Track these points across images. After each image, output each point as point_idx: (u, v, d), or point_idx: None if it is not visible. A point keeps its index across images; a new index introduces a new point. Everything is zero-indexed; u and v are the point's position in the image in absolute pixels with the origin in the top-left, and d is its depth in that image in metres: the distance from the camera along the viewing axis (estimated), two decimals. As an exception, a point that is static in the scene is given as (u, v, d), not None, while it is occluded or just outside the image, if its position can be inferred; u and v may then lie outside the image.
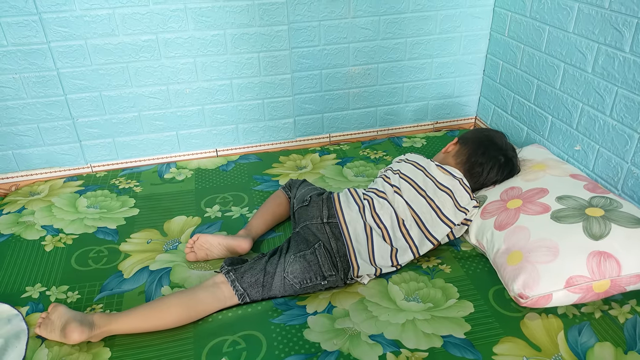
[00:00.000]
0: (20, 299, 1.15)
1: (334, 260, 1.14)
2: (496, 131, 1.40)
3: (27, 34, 1.42)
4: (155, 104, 1.63)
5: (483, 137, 1.36)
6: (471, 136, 1.38)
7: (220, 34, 1.56)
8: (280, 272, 1.12)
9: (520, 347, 1.00)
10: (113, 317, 1.03)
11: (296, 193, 1.36)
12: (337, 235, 1.17)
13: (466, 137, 1.39)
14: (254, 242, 1.29)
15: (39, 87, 1.50)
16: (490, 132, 1.39)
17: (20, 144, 1.58)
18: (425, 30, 1.72)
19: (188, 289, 1.12)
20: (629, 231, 1.06)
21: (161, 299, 1.08)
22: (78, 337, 0.99)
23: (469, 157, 1.32)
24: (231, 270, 1.12)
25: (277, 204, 1.38)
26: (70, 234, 1.37)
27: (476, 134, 1.40)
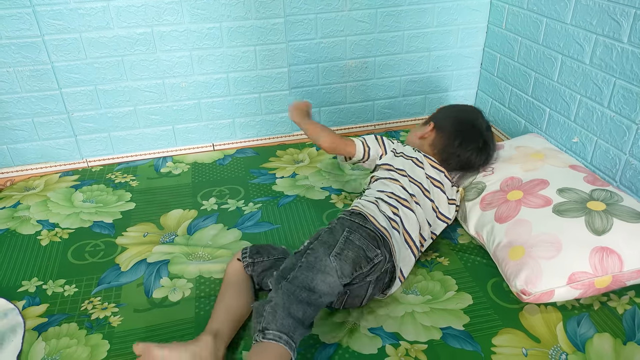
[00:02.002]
0: (16, 293, 1.14)
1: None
2: (472, 111, 1.34)
3: (20, 27, 1.40)
4: (151, 98, 1.62)
5: (460, 122, 1.29)
6: (448, 123, 1.29)
7: (216, 26, 1.55)
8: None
9: (519, 338, 1.00)
10: (217, 335, 0.93)
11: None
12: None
13: (442, 124, 1.30)
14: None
15: (34, 81, 1.49)
16: (468, 115, 1.31)
17: (14, 139, 1.56)
18: (422, 23, 1.71)
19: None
20: (631, 226, 1.06)
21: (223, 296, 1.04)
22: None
23: (446, 148, 1.27)
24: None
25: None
26: (66, 228, 1.36)
27: (453, 119, 1.30)
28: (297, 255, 1.01)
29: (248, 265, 1.10)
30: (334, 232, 1.02)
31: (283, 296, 0.89)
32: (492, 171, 1.31)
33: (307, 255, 0.96)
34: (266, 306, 0.88)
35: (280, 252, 1.13)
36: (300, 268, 0.94)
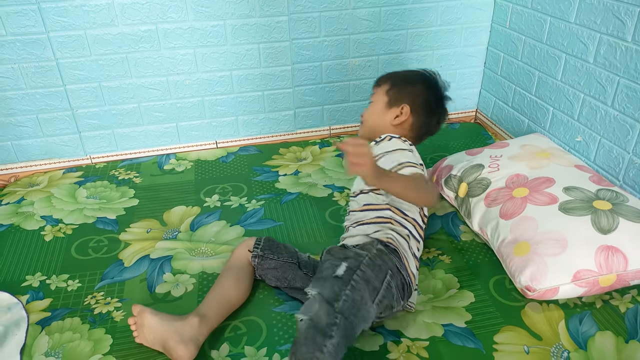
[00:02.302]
0: (20, 288, 1.15)
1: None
2: (430, 78, 1.26)
3: (26, 23, 1.41)
4: (155, 95, 1.62)
5: (436, 98, 1.23)
6: (423, 101, 1.21)
7: (220, 24, 1.55)
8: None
9: (521, 336, 1.00)
10: (203, 319, 0.98)
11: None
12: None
13: (417, 103, 1.21)
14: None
15: (38, 78, 1.50)
16: (435, 88, 1.24)
17: (19, 135, 1.57)
18: (426, 21, 1.71)
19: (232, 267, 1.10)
20: (637, 226, 1.06)
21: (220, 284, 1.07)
22: (184, 354, 0.92)
23: (424, 126, 1.25)
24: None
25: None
26: (70, 224, 1.37)
27: (425, 97, 1.22)
28: (337, 279, 0.93)
29: (256, 257, 1.11)
30: (377, 270, 0.96)
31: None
32: (498, 167, 1.31)
33: (353, 289, 0.91)
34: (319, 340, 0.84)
35: (290, 254, 1.12)
36: (346, 302, 0.89)
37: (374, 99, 1.25)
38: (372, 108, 1.25)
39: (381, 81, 1.27)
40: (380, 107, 1.22)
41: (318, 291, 0.91)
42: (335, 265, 0.96)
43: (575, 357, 0.95)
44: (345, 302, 0.89)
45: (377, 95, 1.25)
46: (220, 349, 0.99)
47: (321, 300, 0.89)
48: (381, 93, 1.24)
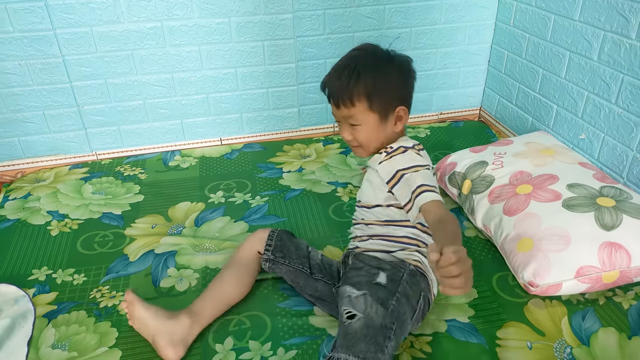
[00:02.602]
0: (27, 281, 1.16)
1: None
2: (392, 54, 1.01)
3: (32, 20, 1.42)
4: (160, 92, 1.63)
5: (410, 75, 1.01)
6: (406, 90, 1.01)
7: (225, 22, 1.56)
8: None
9: (524, 331, 1.01)
10: (196, 318, 0.99)
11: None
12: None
13: (404, 94, 1.01)
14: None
15: (45, 74, 1.51)
16: (406, 65, 1.01)
17: (25, 131, 1.59)
18: (430, 19, 1.71)
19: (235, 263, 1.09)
20: (641, 223, 1.06)
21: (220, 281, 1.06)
22: (172, 355, 0.94)
23: (411, 100, 1.05)
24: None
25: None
26: (76, 219, 1.38)
27: (405, 82, 1.01)
28: (380, 287, 0.92)
29: (267, 260, 1.08)
30: (414, 289, 0.95)
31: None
32: (502, 164, 1.31)
33: (398, 301, 0.91)
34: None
35: (302, 259, 1.08)
36: (394, 311, 0.89)
37: (356, 120, 0.97)
38: (363, 130, 0.98)
39: (351, 98, 0.95)
40: (373, 125, 0.97)
41: (365, 292, 0.90)
42: (372, 274, 0.95)
43: (578, 353, 0.96)
44: (393, 311, 0.89)
45: (359, 116, 0.96)
46: (225, 343, 1.00)
47: (372, 302, 0.88)
48: (363, 112, 0.96)
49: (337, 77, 0.97)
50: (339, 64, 0.99)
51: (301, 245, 1.12)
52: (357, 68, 0.95)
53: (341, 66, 0.98)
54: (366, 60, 0.97)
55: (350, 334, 0.84)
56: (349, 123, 0.99)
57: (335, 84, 0.97)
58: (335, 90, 0.97)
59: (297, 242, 1.12)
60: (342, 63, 0.98)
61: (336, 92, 0.97)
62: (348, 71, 0.95)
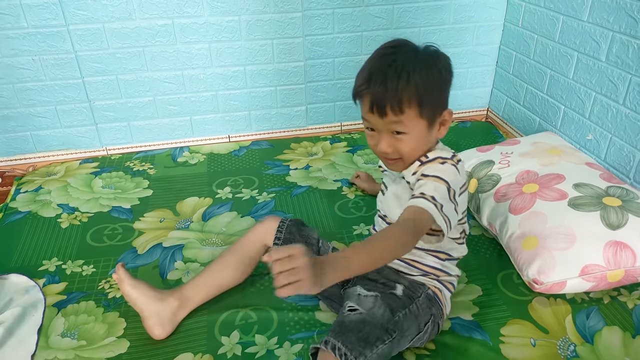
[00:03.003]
0: (37, 272, 1.18)
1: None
2: (439, 52, 0.89)
3: (46, 16, 1.45)
4: (170, 88, 1.65)
5: (449, 87, 0.90)
6: (449, 87, 0.91)
7: (235, 20, 1.58)
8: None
9: (528, 329, 1.01)
10: (185, 302, 1.01)
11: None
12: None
13: (448, 94, 0.90)
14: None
15: (57, 70, 1.53)
16: (449, 76, 0.90)
17: (38, 126, 1.61)
18: (439, 19, 1.72)
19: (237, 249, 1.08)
20: (647, 222, 1.06)
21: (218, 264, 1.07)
22: (161, 334, 0.98)
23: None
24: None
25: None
26: (86, 212, 1.40)
27: (450, 80, 0.90)
28: (394, 297, 0.92)
29: None
30: (425, 311, 0.94)
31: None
32: (508, 164, 1.32)
33: (406, 316, 0.90)
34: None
35: (312, 253, 1.06)
36: (397, 323, 0.88)
37: (404, 128, 0.85)
38: (409, 140, 0.86)
39: (400, 104, 0.82)
40: (421, 134, 0.86)
41: (377, 294, 0.90)
42: (389, 285, 0.95)
43: (581, 350, 0.96)
44: (398, 321, 0.88)
45: (407, 124, 0.84)
46: (231, 336, 1.01)
47: (382, 304, 0.88)
48: (412, 119, 0.84)
49: (381, 80, 0.81)
50: (378, 65, 0.84)
51: (311, 240, 1.08)
52: (405, 68, 0.81)
53: (383, 67, 0.83)
54: (411, 58, 0.83)
55: (345, 324, 0.85)
56: (393, 132, 0.85)
57: (379, 89, 0.81)
58: (381, 96, 0.82)
59: (308, 234, 1.09)
60: (383, 63, 0.83)
61: (382, 98, 0.82)
62: (395, 72, 0.81)
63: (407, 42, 0.88)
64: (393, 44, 0.88)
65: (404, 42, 0.88)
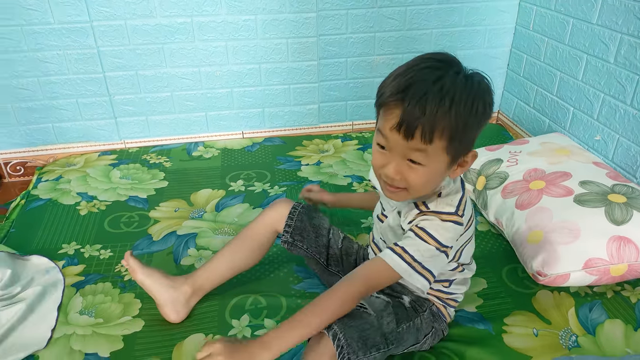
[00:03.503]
0: (57, 255, 1.23)
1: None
2: (489, 85, 0.78)
3: (71, 12, 1.51)
4: (187, 85, 1.70)
5: (483, 128, 0.79)
6: (476, 136, 0.80)
7: (252, 19, 1.63)
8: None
9: (531, 319, 1.03)
10: (198, 289, 1.04)
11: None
12: None
13: (477, 135, 0.80)
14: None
15: (80, 64, 1.60)
16: (488, 117, 0.78)
17: (60, 118, 1.67)
18: (450, 22, 1.75)
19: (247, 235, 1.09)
20: (651, 219, 1.08)
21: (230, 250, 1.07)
22: (175, 318, 1.02)
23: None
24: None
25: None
26: (104, 200, 1.45)
27: (486, 120, 0.78)
28: (402, 308, 0.92)
29: (286, 242, 1.06)
30: (427, 324, 0.94)
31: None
32: (516, 162, 1.34)
33: (409, 328, 0.91)
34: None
35: (319, 246, 1.06)
36: (399, 334, 0.89)
37: (424, 160, 0.75)
38: (423, 173, 0.77)
39: (432, 133, 0.72)
40: (438, 170, 0.77)
41: (389, 301, 0.90)
42: (395, 295, 0.95)
43: (583, 341, 0.98)
44: (400, 333, 0.88)
45: (430, 156, 0.75)
46: (241, 319, 1.04)
47: (390, 312, 0.88)
48: (437, 152, 0.75)
49: (420, 99, 0.70)
50: (420, 77, 0.72)
51: (322, 230, 1.07)
52: (449, 93, 0.71)
53: (427, 82, 0.71)
54: (460, 84, 0.72)
55: (352, 318, 0.83)
56: (408, 158, 0.76)
57: (415, 109, 0.71)
58: (415, 117, 0.71)
59: (319, 223, 1.07)
60: (427, 77, 0.72)
61: (415, 119, 0.71)
62: (439, 92, 0.70)
63: (455, 61, 0.76)
64: (440, 58, 0.75)
65: (452, 59, 0.76)
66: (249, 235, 1.08)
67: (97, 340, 0.99)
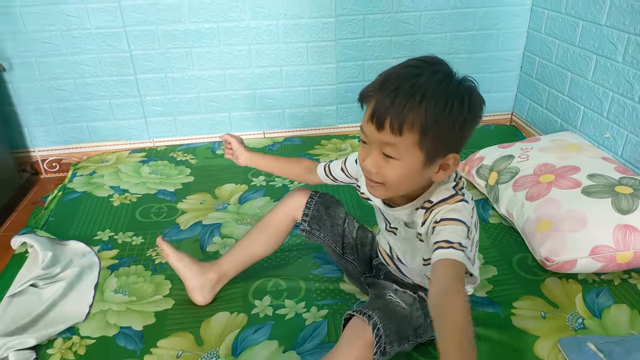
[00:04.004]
0: (92, 241, 1.33)
1: None
2: (474, 88, 0.78)
3: (107, 18, 1.63)
4: (213, 86, 1.80)
5: (480, 114, 0.80)
6: (470, 133, 0.80)
7: (274, 24, 1.72)
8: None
9: (539, 304, 1.08)
10: (223, 276, 1.11)
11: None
12: None
13: (465, 138, 0.80)
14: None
15: (114, 67, 1.71)
16: (471, 121, 0.78)
17: (93, 117, 1.78)
18: (464, 26, 1.82)
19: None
20: (656, 208, 1.12)
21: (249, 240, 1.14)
22: (202, 301, 1.10)
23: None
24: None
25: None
26: (135, 193, 1.55)
27: (474, 124, 0.79)
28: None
29: (304, 230, 1.09)
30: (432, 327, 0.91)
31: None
32: (527, 158, 1.39)
33: (424, 329, 0.94)
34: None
35: (336, 235, 1.10)
36: (420, 329, 0.93)
37: (395, 153, 0.76)
38: (398, 167, 0.77)
39: (401, 124, 0.73)
40: (413, 166, 0.77)
41: (417, 296, 0.95)
42: (416, 292, 0.99)
43: (589, 323, 1.02)
44: (426, 328, 0.93)
45: (401, 149, 0.76)
46: (263, 300, 1.12)
47: (419, 308, 0.93)
48: (408, 146, 0.75)
49: (391, 92, 0.73)
50: (396, 74, 0.76)
51: (337, 220, 1.10)
52: (421, 89, 0.73)
53: (399, 78, 0.74)
54: (434, 82, 0.74)
55: (391, 311, 0.89)
56: (383, 152, 0.77)
57: (385, 100, 0.73)
58: (384, 108, 0.73)
59: (335, 213, 1.11)
60: (402, 74, 0.75)
61: (384, 110, 0.73)
62: (410, 88, 0.73)
63: (441, 63, 0.77)
64: (424, 59, 0.78)
65: (437, 61, 0.78)
66: (268, 224, 1.14)
67: (131, 315, 1.08)
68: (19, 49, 1.62)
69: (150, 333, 1.03)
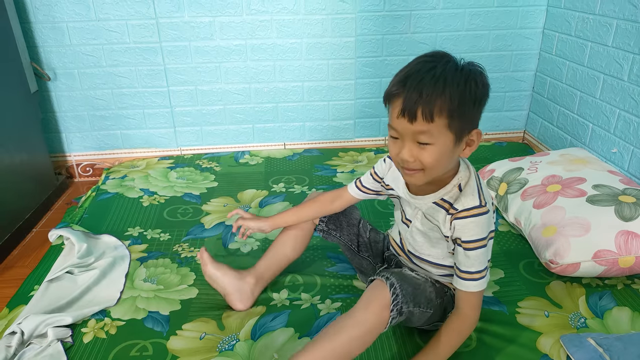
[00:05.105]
0: (123, 236, 1.43)
1: None
2: (479, 68, 0.86)
3: (145, 34, 1.77)
4: (238, 99, 1.92)
5: (482, 108, 0.87)
6: (484, 107, 0.88)
7: (298, 42, 1.84)
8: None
9: (543, 304, 1.13)
10: (260, 279, 1.16)
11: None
12: None
13: (481, 114, 0.88)
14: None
15: (148, 79, 1.84)
16: (485, 96, 0.87)
17: (127, 126, 1.91)
18: (478, 47, 1.91)
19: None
20: (659, 217, 1.17)
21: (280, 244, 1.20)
22: (242, 307, 1.14)
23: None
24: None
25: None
26: (163, 195, 1.65)
27: (486, 98, 0.87)
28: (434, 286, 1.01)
29: (322, 231, 1.17)
30: (447, 306, 1.03)
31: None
32: (536, 170, 1.46)
33: (433, 313, 1.00)
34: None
35: (351, 235, 1.16)
36: (430, 303, 0.99)
37: (430, 139, 0.83)
38: (433, 151, 0.84)
39: (431, 112, 0.81)
40: (446, 147, 0.85)
41: (426, 279, 1.01)
42: (426, 275, 1.05)
43: (591, 323, 1.07)
44: (436, 306, 1.00)
45: (434, 134, 0.83)
46: (281, 293, 1.19)
47: (431, 285, 1.00)
48: (440, 130, 0.83)
49: (417, 85, 0.80)
50: (415, 70, 0.83)
51: (353, 220, 1.18)
52: (442, 78, 0.80)
53: (420, 73, 0.82)
54: (450, 70, 0.82)
55: (406, 278, 0.96)
56: (417, 141, 0.83)
57: (412, 94, 0.80)
58: (414, 101, 0.80)
59: (351, 214, 1.18)
60: (421, 69, 0.82)
61: (414, 103, 0.80)
62: (432, 78, 0.80)
63: (447, 54, 0.86)
64: (432, 54, 0.87)
65: (444, 54, 0.87)
66: (292, 229, 1.21)
67: (159, 302, 1.16)
68: (63, 60, 1.77)
69: (176, 317, 1.11)
